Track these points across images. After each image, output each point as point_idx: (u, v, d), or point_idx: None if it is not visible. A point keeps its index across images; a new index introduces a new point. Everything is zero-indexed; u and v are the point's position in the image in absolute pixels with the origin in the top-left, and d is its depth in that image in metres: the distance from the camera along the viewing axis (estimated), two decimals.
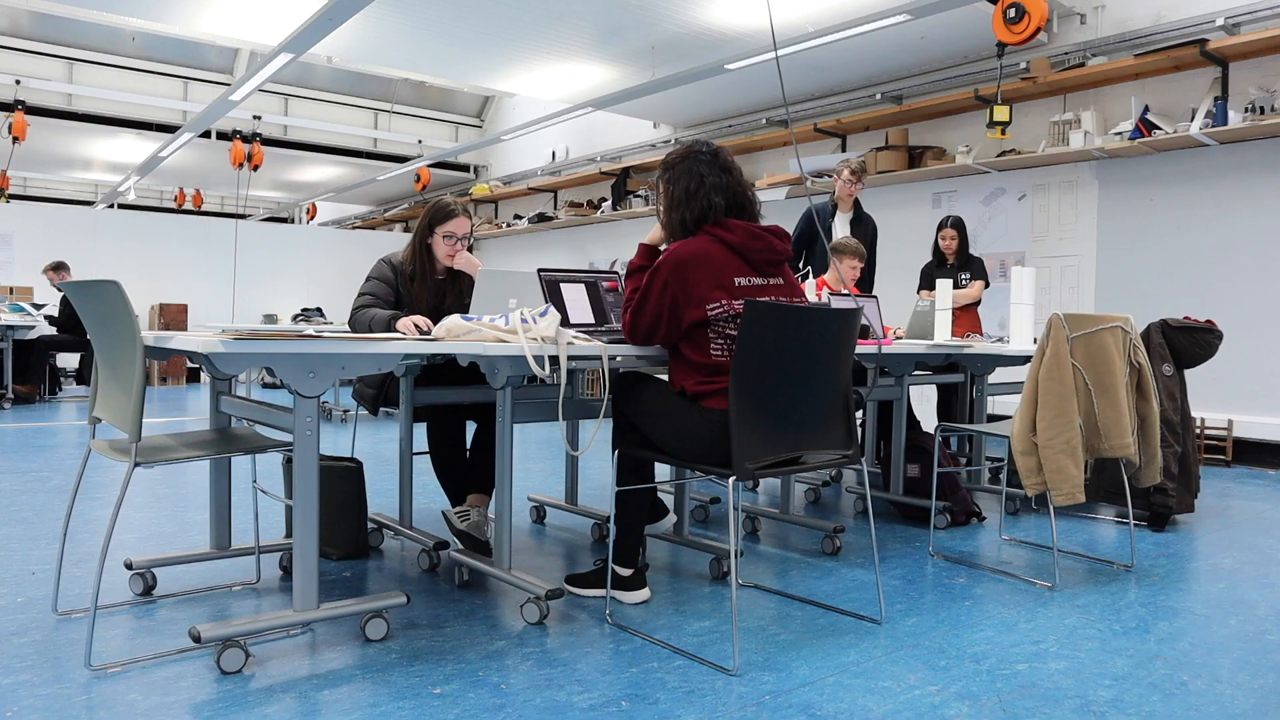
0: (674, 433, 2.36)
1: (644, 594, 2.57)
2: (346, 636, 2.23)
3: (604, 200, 10.45)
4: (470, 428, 3.30)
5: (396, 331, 2.78)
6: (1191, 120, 5.52)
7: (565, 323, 2.54)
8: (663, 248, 2.54)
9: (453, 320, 2.39)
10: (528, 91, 8.86)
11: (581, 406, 3.01)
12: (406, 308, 3.09)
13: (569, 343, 2.35)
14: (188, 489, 4.09)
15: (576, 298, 2.85)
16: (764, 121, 8.50)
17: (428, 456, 3.23)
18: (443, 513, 3.15)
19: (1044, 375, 2.89)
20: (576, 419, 3.30)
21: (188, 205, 14.22)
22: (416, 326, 2.74)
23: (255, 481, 2.65)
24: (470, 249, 3.27)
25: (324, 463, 2.70)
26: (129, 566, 2.56)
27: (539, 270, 2.79)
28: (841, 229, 4.95)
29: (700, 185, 2.40)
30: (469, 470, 3.18)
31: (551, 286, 2.77)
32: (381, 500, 3.84)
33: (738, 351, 2.17)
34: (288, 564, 2.81)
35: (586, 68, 7.75)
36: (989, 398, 4.15)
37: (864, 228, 5.02)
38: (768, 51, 6.31)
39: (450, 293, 3.20)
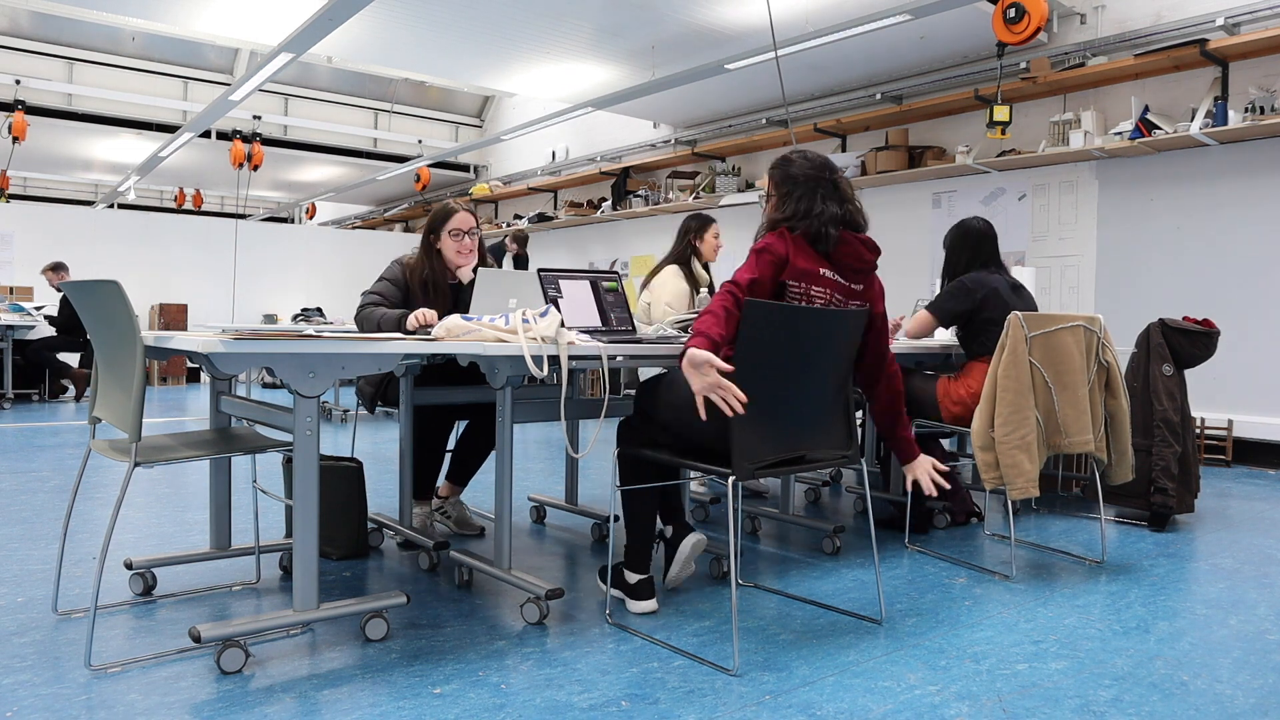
0: (689, 419, 2.32)
1: (650, 605, 2.48)
2: (346, 636, 2.23)
3: (604, 200, 10.45)
4: (460, 431, 3.34)
5: (407, 330, 2.79)
6: (1191, 120, 5.52)
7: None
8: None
9: (453, 320, 2.39)
10: (528, 91, 8.87)
11: (582, 407, 3.02)
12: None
13: (569, 343, 2.35)
14: (188, 489, 4.09)
15: (579, 297, 2.84)
16: (764, 121, 8.50)
17: None
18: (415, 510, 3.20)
19: (1002, 373, 2.94)
20: (577, 419, 3.31)
21: (188, 205, 14.22)
22: (424, 324, 2.74)
23: (255, 481, 2.65)
24: (482, 244, 3.28)
25: (324, 463, 2.70)
26: (129, 566, 2.56)
27: (539, 270, 2.79)
28: None
29: (823, 210, 2.39)
30: (438, 469, 3.31)
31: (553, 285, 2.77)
32: (381, 500, 3.84)
33: (738, 351, 2.16)
34: (288, 564, 2.81)
35: (586, 68, 7.75)
36: None
37: None
38: (768, 51, 6.31)
39: (463, 300, 3.21)
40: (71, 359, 8.60)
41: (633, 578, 2.49)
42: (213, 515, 2.70)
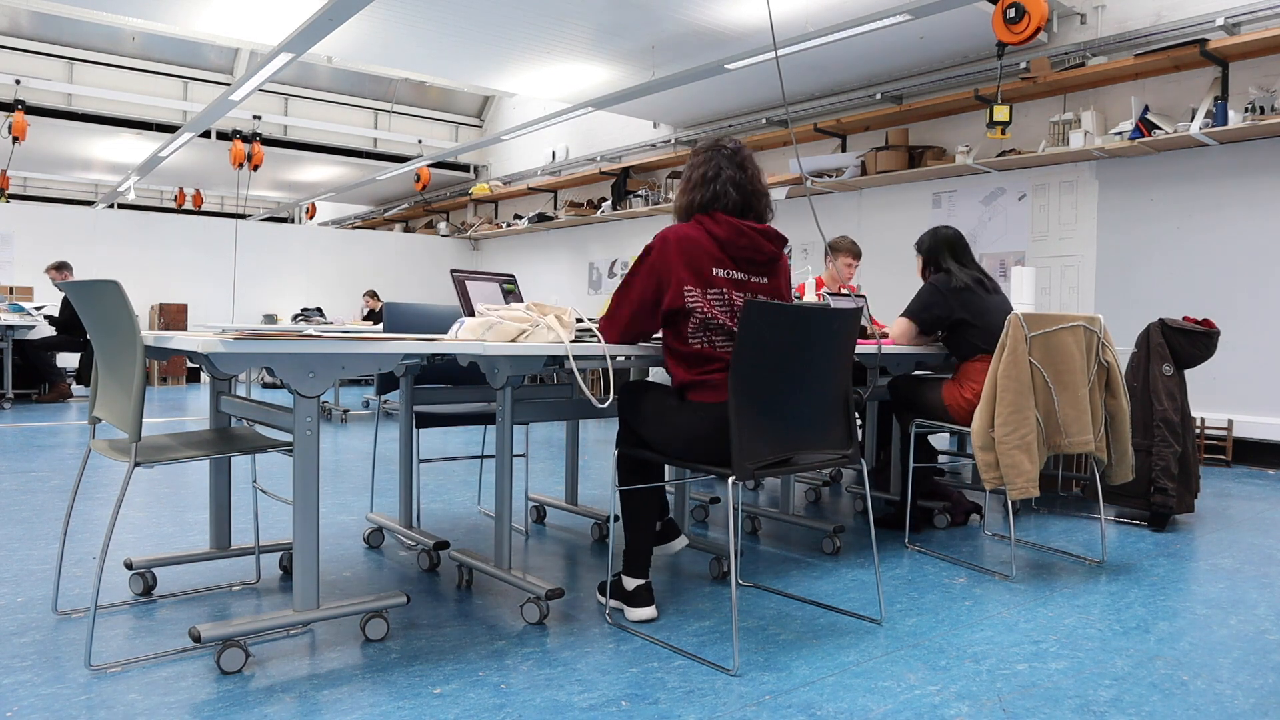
0: (669, 433, 2.35)
1: (649, 612, 2.39)
2: (346, 636, 2.23)
3: (604, 200, 10.45)
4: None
5: None
6: (1191, 120, 5.52)
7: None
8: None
9: (473, 321, 2.37)
10: (528, 91, 8.87)
11: (583, 406, 3.02)
12: None
13: (584, 327, 2.34)
14: (188, 489, 4.09)
15: (488, 292, 2.83)
16: (764, 121, 8.50)
17: (431, 461, 3.24)
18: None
19: (1002, 373, 2.94)
20: (578, 419, 3.31)
21: (188, 205, 14.22)
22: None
23: (255, 481, 2.65)
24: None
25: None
26: (129, 566, 2.56)
27: (451, 270, 2.78)
28: None
29: (717, 175, 2.43)
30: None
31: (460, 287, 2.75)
32: (381, 500, 3.84)
33: (737, 351, 2.16)
34: (288, 564, 2.81)
35: (586, 68, 7.75)
36: None
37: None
38: (768, 51, 6.31)
39: None
40: (71, 359, 8.60)
41: (630, 583, 2.42)
42: (213, 515, 2.70)
